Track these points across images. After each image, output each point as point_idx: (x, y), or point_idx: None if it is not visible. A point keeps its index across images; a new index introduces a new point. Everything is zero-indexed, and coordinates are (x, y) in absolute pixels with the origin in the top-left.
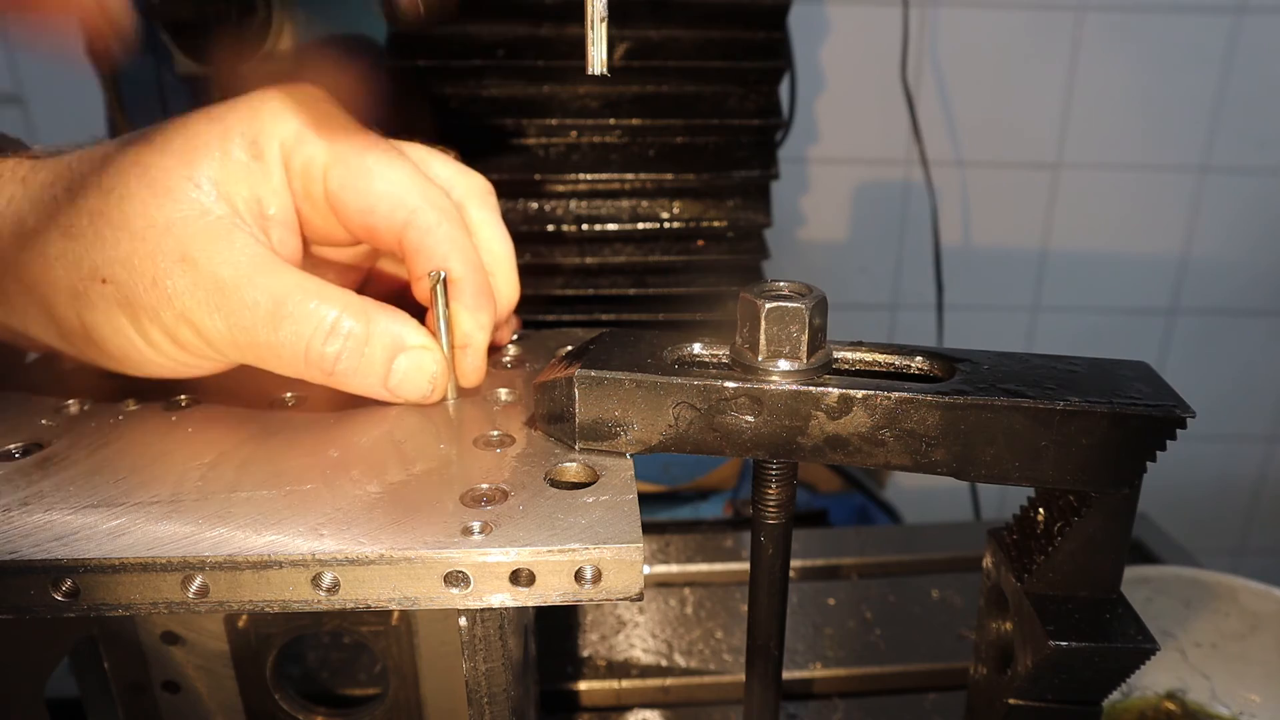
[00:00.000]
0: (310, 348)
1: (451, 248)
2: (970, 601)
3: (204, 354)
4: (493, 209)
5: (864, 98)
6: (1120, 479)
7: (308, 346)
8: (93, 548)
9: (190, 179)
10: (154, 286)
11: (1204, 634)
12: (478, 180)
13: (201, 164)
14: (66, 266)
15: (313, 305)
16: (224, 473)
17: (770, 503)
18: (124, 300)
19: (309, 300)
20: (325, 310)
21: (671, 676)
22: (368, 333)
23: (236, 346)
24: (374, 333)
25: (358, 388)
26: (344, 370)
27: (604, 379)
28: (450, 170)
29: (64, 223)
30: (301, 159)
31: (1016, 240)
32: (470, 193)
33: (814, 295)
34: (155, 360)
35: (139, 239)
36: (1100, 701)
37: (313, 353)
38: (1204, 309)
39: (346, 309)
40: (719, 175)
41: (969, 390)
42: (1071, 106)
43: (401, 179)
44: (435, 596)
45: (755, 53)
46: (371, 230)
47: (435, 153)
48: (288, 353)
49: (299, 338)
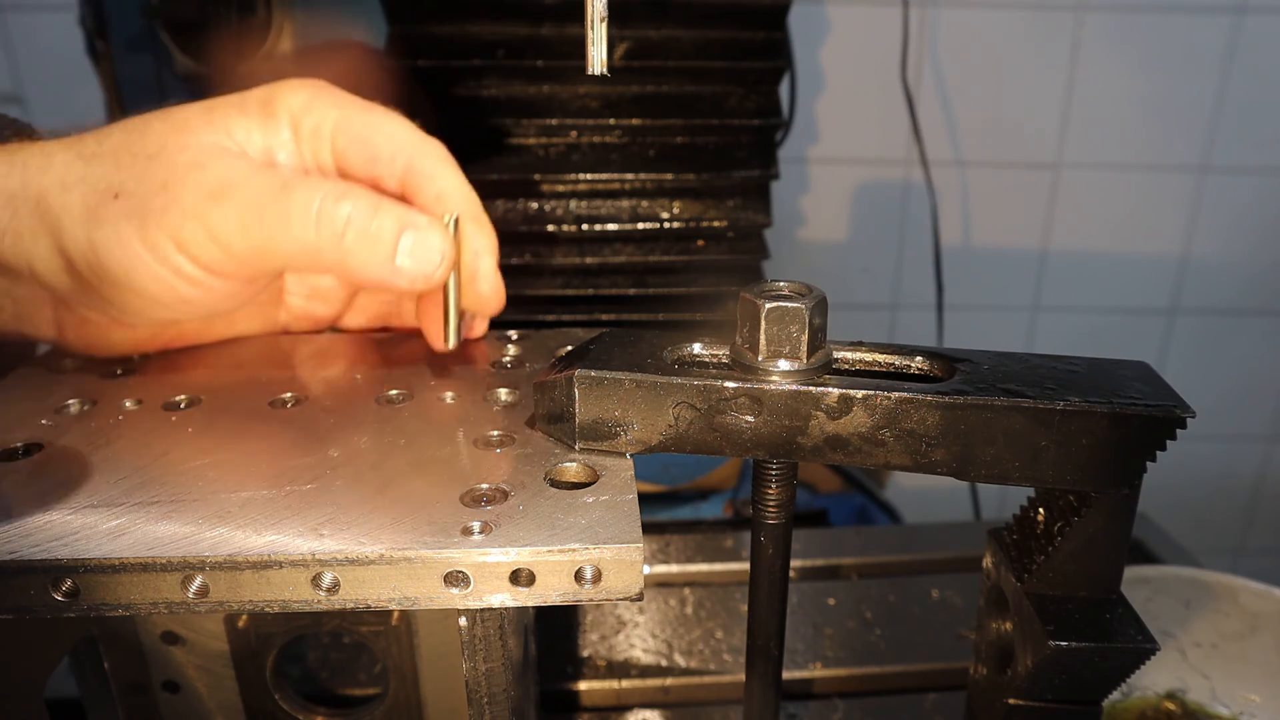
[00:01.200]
0: (322, 209)
1: (447, 182)
2: (970, 601)
3: (211, 260)
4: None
5: (864, 98)
6: (1120, 479)
7: (320, 208)
8: (93, 548)
9: (209, 122)
10: (164, 189)
11: (1204, 634)
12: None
13: (219, 113)
14: (84, 188)
15: (317, 180)
16: (224, 473)
17: (770, 503)
18: (134, 209)
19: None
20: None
21: (671, 676)
22: (377, 203)
23: (244, 232)
24: (382, 205)
25: (366, 264)
26: (354, 238)
27: (604, 379)
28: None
29: (88, 153)
30: (311, 124)
31: (1016, 240)
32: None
33: (814, 295)
34: (160, 276)
35: (154, 159)
36: (1100, 701)
37: (324, 214)
38: (1204, 309)
39: (352, 187)
40: (719, 175)
41: (969, 390)
42: (1071, 106)
43: (401, 130)
44: (435, 596)
45: (755, 53)
46: (376, 180)
47: None
48: (298, 221)
49: (309, 202)
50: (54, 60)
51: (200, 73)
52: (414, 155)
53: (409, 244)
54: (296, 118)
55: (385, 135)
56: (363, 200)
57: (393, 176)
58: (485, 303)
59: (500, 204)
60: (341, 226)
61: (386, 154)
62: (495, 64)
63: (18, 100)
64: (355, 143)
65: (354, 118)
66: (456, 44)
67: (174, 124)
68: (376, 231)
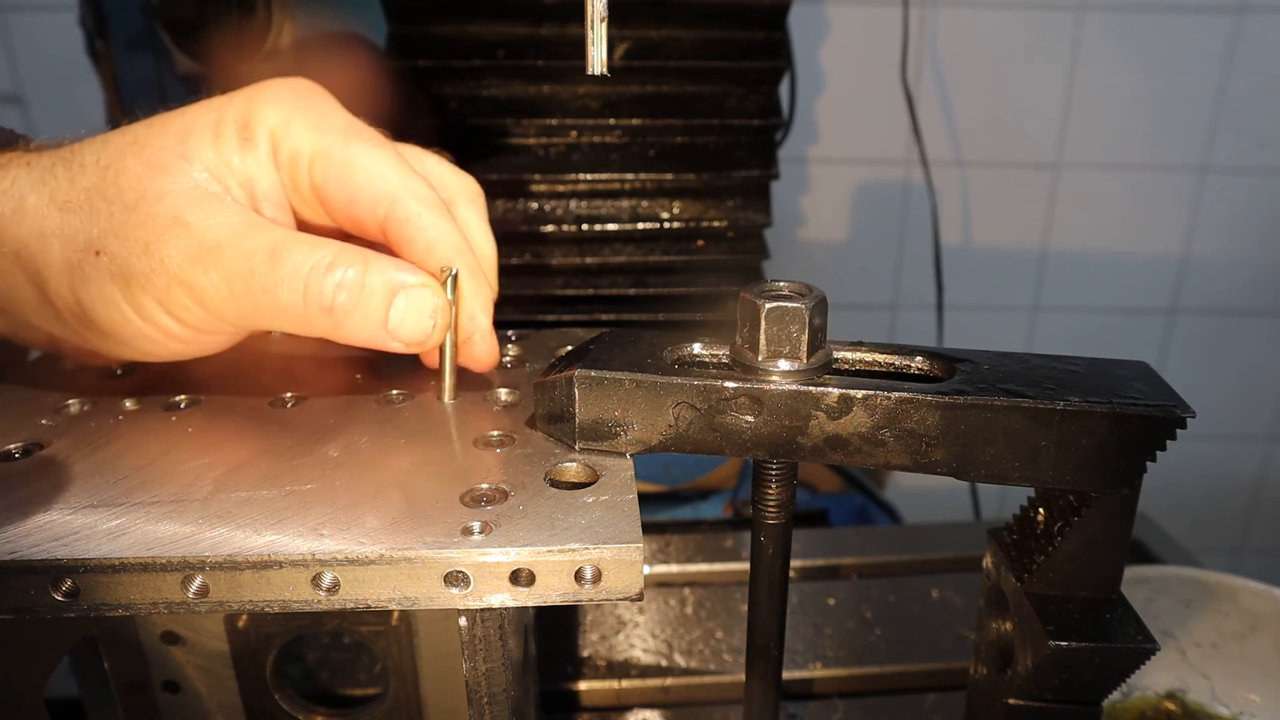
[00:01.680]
0: (309, 283)
1: (436, 234)
2: (970, 601)
3: (198, 322)
4: (480, 210)
5: (864, 98)
6: (1120, 479)
7: (307, 282)
8: (93, 548)
9: (184, 157)
10: (146, 252)
11: (1204, 634)
12: (468, 181)
13: (195, 144)
14: (63, 241)
15: (307, 247)
16: (223, 473)
17: (770, 503)
18: (117, 271)
19: (304, 244)
20: (323, 250)
21: (671, 676)
22: (366, 269)
23: (232, 300)
24: (372, 269)
25: (358, 330)
26: (344, 307)
27: (604, 379)
28: (443, 170)
29: (61, 199)
30: (288, 150)
31: (1016, 240)
32: (460, 192)
33: (814, 295)
34: (148, 335)
35: (131, 209)
36: (1100, 701)
37: (312, 288)
38: (1204, 309)
39: (342, 251)
40: (719, 175)
41: (969, 390)
42: (1071, 106)
43: (382, 170)
44: (435, 596)
45: (755, 53)
46: (356, 222)
47: (429, 152)
48: (286, 292)
49: (297, 273)
50: (54, 60)
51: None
52: (396, 204)
53: (401, 308)
54: (276, 143)
55: (365, 175)
56: (352, 268)
57: (374, 221)
58: (477, 363)
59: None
60: (330, 300)
61: (366, 199)
62: (495, 64)
63: (18, 100)
64: (333, 179)
65: (333, 150)
66: (456, 44)
67: (149, 162)
68: (367, 300)
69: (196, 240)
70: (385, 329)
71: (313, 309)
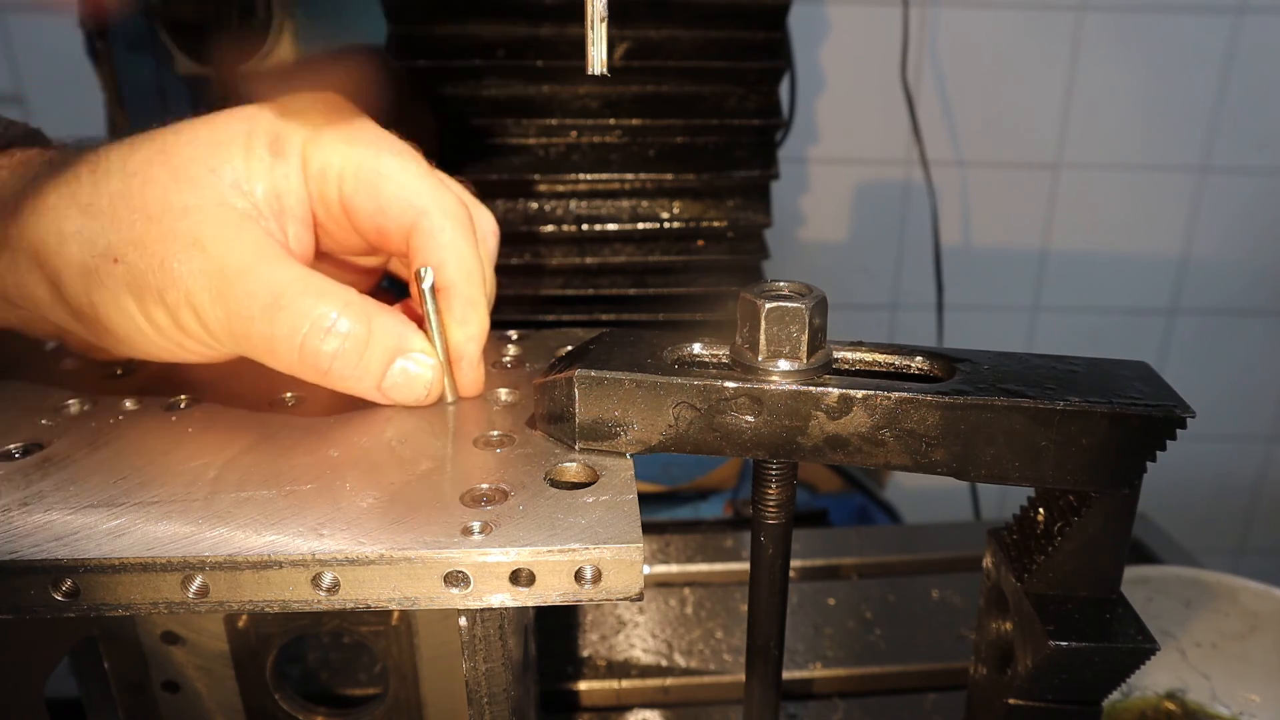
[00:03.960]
0: (305, 345)
1: (450, 253)
2: (970, 601)
3: (204, 340)
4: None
5: (864, 98)
6: (1120, 479)
7: (303, 343)
8: (93, 548)
9: (213, 170)
10: (162, 268)
11: (1204, 634)
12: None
13: (224, 157)
14: (81, 244)
15: (310, 301)
16: (224, 472)
17: (770, 503)
18: (132, 281)
19: (308, 296)
20: (324, 308)
21: (671, 676)
22: (368, 333)
23: (234, 336)
24: (374, 334)
25: (351, 389)
26: (339, 370)
27: (604, 379)
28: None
29: (84, 201)
30: (319, 163)
31: (1016, 240)
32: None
33: (814, 295)
34: (157, 342)
35: (154, 221)
36: (1100, 701)
37: (308, 350)
38: (1204, 309)
39: (347, 308)
40: (719, 175)
41: (969, 390)
42: (1071, 106)
43: (412, 182)
44: (435, 596)
45: (755, 53)
46: (383, 233)
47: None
48: (283, 347)
49: (294, 333)
50: (54, 60)
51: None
52: (421, 215)
53: (398, 372)
54: (307, 154)
55: (395, 186)
56: (352, 336)
57: (400, 231)
58: (462, 389)
59: (500, 204)
60: (326, 364)
61: (395, 210)
62: (495, 64)
63: (18, 100)
64: (362, 191)
65: (363, 163)
66: (456, 44)
67: (176, 173)
68: (364, 366)
69: (209, 267)
70: (379, 389)
71: (308, 369)
